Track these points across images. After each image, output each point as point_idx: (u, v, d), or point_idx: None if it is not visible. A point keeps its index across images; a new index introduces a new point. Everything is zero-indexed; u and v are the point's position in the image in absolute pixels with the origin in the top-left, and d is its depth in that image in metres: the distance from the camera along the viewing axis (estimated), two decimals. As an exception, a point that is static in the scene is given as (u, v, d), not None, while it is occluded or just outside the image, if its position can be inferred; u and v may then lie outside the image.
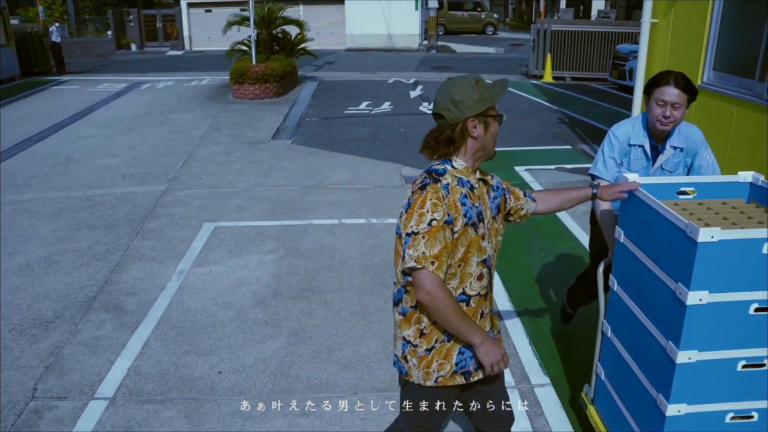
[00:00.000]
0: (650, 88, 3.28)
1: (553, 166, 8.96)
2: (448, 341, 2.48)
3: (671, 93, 3.19)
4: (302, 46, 18.34)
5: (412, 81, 18.31)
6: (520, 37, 23.00)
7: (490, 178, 2.61)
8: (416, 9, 29.50)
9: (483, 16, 37.90)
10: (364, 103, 14.61)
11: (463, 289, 2.46)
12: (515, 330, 4.79)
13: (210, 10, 31.05)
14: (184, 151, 10.21)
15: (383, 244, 6.34)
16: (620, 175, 3.18)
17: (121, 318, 5.04)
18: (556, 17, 28.81)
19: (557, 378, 4.17)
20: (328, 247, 6.33)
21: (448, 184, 2.38)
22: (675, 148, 3.43)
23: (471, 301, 2.49)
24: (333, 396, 3.99)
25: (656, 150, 3.46)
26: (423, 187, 2.35)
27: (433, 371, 2.48)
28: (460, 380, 2.51)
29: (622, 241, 2.93)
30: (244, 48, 17.30)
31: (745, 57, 5.93)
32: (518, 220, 2.76)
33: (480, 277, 2.48)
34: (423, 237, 2.28)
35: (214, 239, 6.58)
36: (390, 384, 4.07)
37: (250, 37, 16.46)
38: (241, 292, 5.42)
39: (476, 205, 2.45)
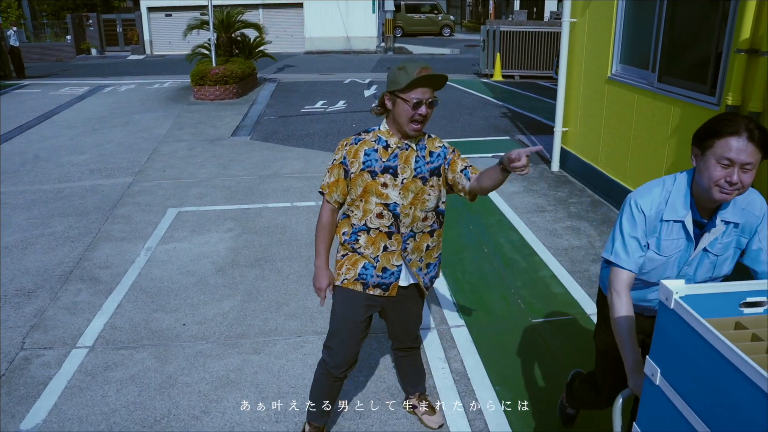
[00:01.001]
0: (708, 137, 2.35)
1: (490, 154, 9.78)
2: (359, 255, 3.20)
3: (743, 149, 2.27)
4: (261, 48, 19.00)
5: (367, 81, 19.07)
6: (476, 38, 23.96)
7: (423, 147, 3.13)
8: (373, 12, 30.30)
9: (439, 19, 38.85)
10: (320, 102, 15.33)
11: (365, 221, 3.14)
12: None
13: (170, 15, 31.48)
14: (149, 148, 10.83)
15: (331, 222, 7.09)
16: (653, 269, 2.58)
17: (96, 287, 5.71)
18: (510, 18, 29.78)
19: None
20: (280, 225, 7.06)
21: (361, 138, 3.12)
22: (728, 223, 2.50)
23: (371, 232, 3.15)
24: (280, 339, 4.73)
25: (701, 226, 2.53)
26: (351, 136, 3.19)
27: (342, 273, 3.23)
28: (359, 288, 3.22)
29: (657, 383, 1.99)
30: (205, 51, 17.91)
31: (645, 49, 6.79)
32: (462, 195, 3.18)
33: (380, 216, 3.11)
34: (327, 171, 3.17)
35: (178, 221, 7.26)
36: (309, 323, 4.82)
37: (210, 40, 17.09)
38: (203, 263, 6.13)
39: (384, 159, 3.08)
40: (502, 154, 2.67)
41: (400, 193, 3.09)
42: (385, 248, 3.17)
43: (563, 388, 3.82)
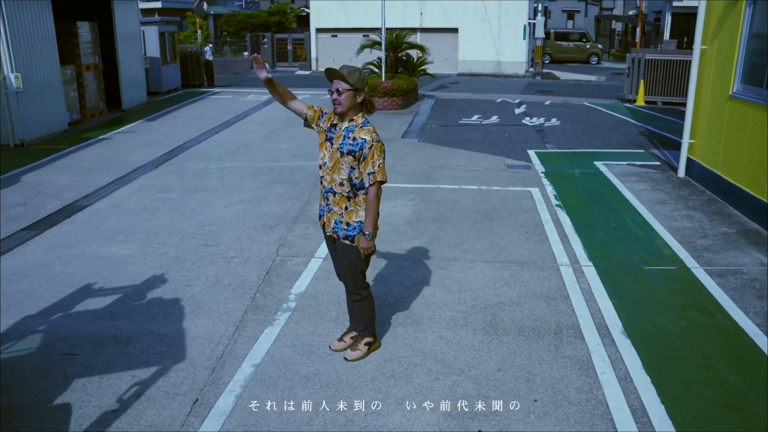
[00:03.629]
0: None
1: (624, 162, 11.35)
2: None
3: None
4: (423, 67, 21.27)
5: (517, 101, 20.86)
6: (622, 67, 25.06)
7: (350, 130, 4.37)
8: (524, 39, 32.06)
9: (588, 47, 40.01)
10: (475, 116, 17.31)
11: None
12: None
13: (336, 35, 34.67)
14: (335, 143, 13.19)
15: (489, 199, 9.01)
16: None
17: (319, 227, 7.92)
18: (660, 47, 30.57)
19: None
20: (452, 200, 9.05)
21: (327, 114, 4.52)
22: None
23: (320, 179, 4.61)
24: (458, 263, 6.70)
25: None
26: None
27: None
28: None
29: None
30: (372, 67, 20.40)
31: (760, 71, 8.26)
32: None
33: (320, 167, 4.53)
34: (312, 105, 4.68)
35: (371, 193, 9.43)
36: (479, 256, 6.76)
37: (379, 58, 19.56)
38: (394, 218, 8.20)
39: (328, 130, 4.45)
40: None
41: (329, 157, 4.43)
42: (321, 192, 4.62)
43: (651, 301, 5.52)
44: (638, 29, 35.59)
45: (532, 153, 12.34)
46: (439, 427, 4.04)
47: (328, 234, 4.67)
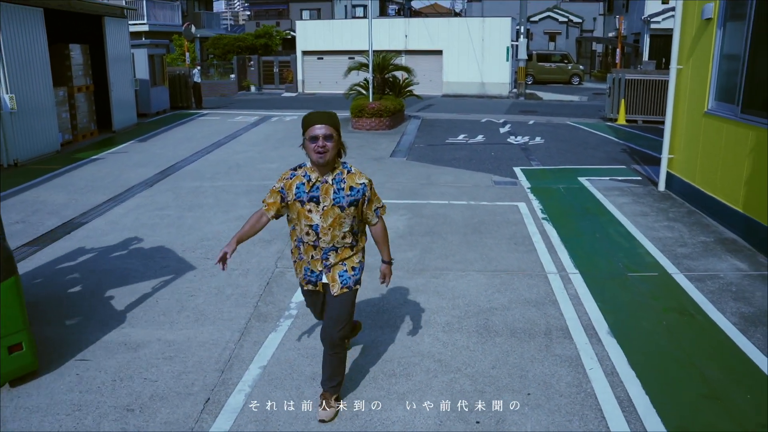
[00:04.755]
0: None
1: (607, 177, 11.73)
2: (300, 260, 4.27)
3: None
4: (409, 88, 21.68)
5: (501, 121, 21.29)
6: (603, 87, 25.64)
7: (341, 181, 4.02)
8: (507, 60, 32.66)
9: (569, 68, 40.75)
10: (462, 135, 17.69)
11: (301, 236, 4.13)
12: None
13: (322, 58, 35.15)
14: (326, 162, 13.49)
15: (478, 214, 9.32)
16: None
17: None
18: (639, 68, 31.24)
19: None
20: (442, 214, 9.35)
21: (295, 174, 4.07)
22: None
23: (304, 244, 4.14)
24: (450, 272, 6.99)
25: None
26: (290, 170, 4.16)
27: (297, 273, 4.39)
28: (303, 284, 4.34)
29: None
30: (359, 89, 20.79)
31: (732, 89, 8.67)
32: (366, 224, 4.32)
33: (307, 233, 4.07)
34: (270, 192, 4.13)
35: (363, 208, 9.72)
36: (470, 265, 7.05)
37: (366, 80, 19.97)
38: (388, 232, 8.47)
39: (308, 191, 3.98)
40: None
41: (321, 217, 4.01)
42: (312, 256, 4.18)
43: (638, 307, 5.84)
44: (618, 50, 36.33)
45: (517, 170, 12.70)
46: (439, 419, 4.30)
47: (316, 290, 4.34)
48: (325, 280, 4.21)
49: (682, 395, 4.60)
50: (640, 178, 11.75)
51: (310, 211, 4.01)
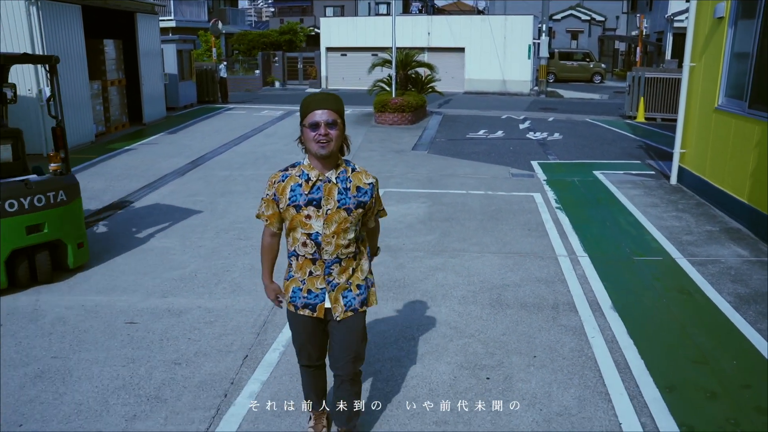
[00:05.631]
0: None
1: (621, 171, 12.15)
2: (291, 279, 3.51)
3: None
4: (431, 85, 22.16)
5: (521, 117, 21.70)
6: (625, 85, 25.90)
7: (345, 179, 3.35)
8: (529, 58, 33.03)
9: (591, 66, 40.98)
10: (482, 131, 18.15)
11: (294, 248, 3.42)
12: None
13: (345, 54, 35.76)
14: (351, 154, 14.01)
15: (495, 202, 9.80)
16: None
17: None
18: (661, 66, 31.43)
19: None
20: (460, 202, 9.84)
21: (288, 175, 3.35)
22: None
23: (299, 258, 3.42)
24: (467, 253, 7.48)
25: None
26: (280, 171, 3.43)
27: (289, 295, 3.55)
28: (292, 309, 3.52)
29: None
30: (382, 85, 21.31)
31: (741, 85, 9.07)
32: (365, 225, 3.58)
33: (304, 245, 3.35)
34: (262, 201, 3.46)
35: (385, 198, 10.21)
36: (486, 248, 7.54)
37: (389, 76, 20.49)
38: (409, 217, 8.99)
39: (307, 193, 3.28)
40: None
41: (323, 224, 3.31)
42: (310, 273, 3.42)
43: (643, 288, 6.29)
44: (638, 49, 36.52)
45: (535, 163, 13.14)
46: (453, 375, 4.80)
47: (315, 316, 3.53)
48: (327, 303, 3.49)
49: (674, 360, 5.06)
50: (653, 172, 12.15)
51: (308, 217, 3.32)
